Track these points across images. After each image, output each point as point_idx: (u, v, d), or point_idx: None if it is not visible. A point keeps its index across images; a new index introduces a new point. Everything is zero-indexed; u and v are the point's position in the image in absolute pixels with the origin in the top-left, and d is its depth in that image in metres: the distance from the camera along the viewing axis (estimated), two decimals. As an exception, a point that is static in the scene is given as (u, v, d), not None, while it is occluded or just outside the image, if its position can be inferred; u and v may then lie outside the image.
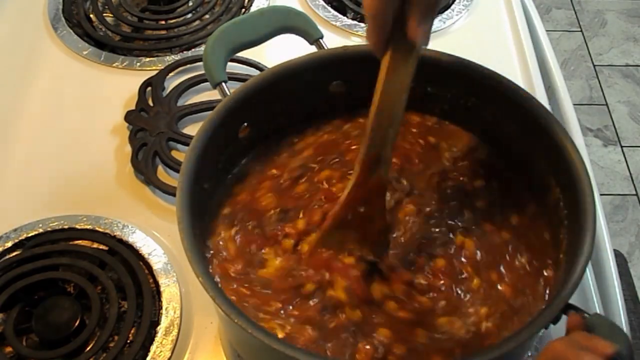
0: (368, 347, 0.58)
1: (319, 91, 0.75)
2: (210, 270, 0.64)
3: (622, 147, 2.11)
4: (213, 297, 0.55)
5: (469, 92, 0.72)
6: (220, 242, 0.67)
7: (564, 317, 0.55)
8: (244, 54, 0.80)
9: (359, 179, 0.62)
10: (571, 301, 0.55)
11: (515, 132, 0.70)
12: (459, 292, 0.63)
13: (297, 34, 0.78)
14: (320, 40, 0.76)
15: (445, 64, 0.71)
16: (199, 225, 0.65)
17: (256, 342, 0.53)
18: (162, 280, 0.74)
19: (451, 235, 0.66)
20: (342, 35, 1.02)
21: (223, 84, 0.73)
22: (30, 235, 0.79)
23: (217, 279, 0.63)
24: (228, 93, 0.71)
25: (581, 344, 0.50)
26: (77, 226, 0.79)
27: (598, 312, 0.74)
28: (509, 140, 0.72)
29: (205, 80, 0.93)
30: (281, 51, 0.85)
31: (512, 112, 0.70)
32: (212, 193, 0.69)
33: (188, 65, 0.97)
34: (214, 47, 0.73)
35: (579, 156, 0.63)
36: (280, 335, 0.59)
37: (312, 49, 0.77)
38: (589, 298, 0.75)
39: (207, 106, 0.91)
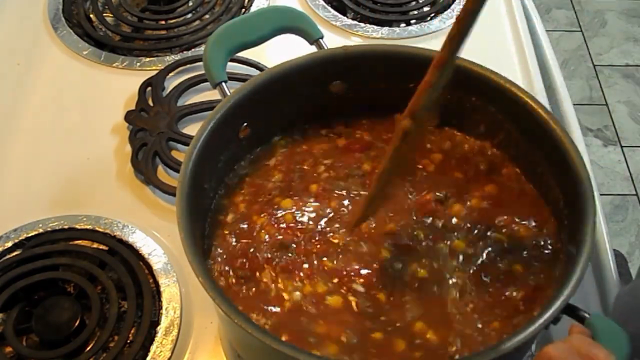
0: None
1: (319, 91, 0.75)
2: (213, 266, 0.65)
3: (622, 147, 2.10)
4: (213, 297, 0.55)
5: (469, 93, 0.72)
6: (221, 241, 0.67)
7: (564, 318, 0.55)
8: (243, 53, 0.80)
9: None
10: (571, 301, 0.55)
11: (517, 134, 0.70)
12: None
13: (297, 34, 0.77)
14: (321, 40, 0.76)
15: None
16: (199, 225, 0.65)
17: (256, 342, 0.53)
18: (162, 280, 0.74)
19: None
20: (342, 35, 1.02)
21: (223, 84, 0.73)
22: (30, 235, 0.79)
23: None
24: (228, 93, 0.71)
25: (580, 350, 0.49)
26: (77, 226, 0.79)
27: (598, 312, 0.74)
28: (510, 142, 0.72)
29: (205, 80, 0.93)
30: (281, 51, 0.85)
31: (513, 113, 0.70)
32: (212, 193, 0.69)
33: (188, 65, 0.97)
34: (214, 47, 0.73)
35: (580, 158, 0.63)
36: None
37: (312, 49, 0.76)
38: (589, 298, 0.75)
39: (207, 106, 0.91)
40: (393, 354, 0.59)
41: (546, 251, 0.65)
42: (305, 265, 0.64)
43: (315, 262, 0.65)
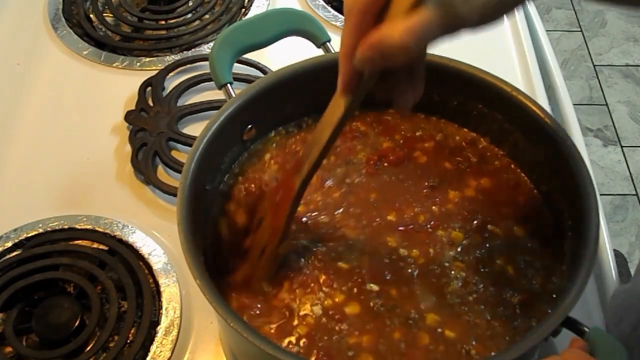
0: None
1: (326, 95, 0.75)
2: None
3: (622, 147, 2.11)
4: (211, 301, 0.55)
5: (474, 98, 0.72)
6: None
7: (564, 330, 0.55)
8: (245, 54, 0.80)
9: (284, 174, 0.64)
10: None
11: (522, 141, 0.70)
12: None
13: (304, 36, 0.77)
14: (328, 43, 0.76)
15: (450, 70, 0.71)
16: (200, 227, 0.65)
17: (252, 347, 0.53)
18: (162, 280, 0.74)
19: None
20: (342, 35, 1.02)
21: (228, 85, 0.72)
22: (30, 235, 0.79)
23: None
24: (233, 94, 0.71)
25: None
26: (77, 226, 0.79)
27: (598, 312, 0.74)
28: (516, 150, 0.72)
29: (206, 80, 0.93)
30: (282, 53, 0.85)
31: (518, 121, 0.69)
32: (214, 194, 0.69)
33: (188, 65, 0.97)
34: (221, 48, 0.73)
35: (587, 170, 0.62)
36: None
37: (315, 51, 0.76)
38: (588, 298, 0.75)
39: (208, 106, 0.91)
40: (420, 349, 0.59)
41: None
42: (322, 274, 0.64)
43: (329, 267, 0.64)
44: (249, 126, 0.72)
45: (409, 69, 0.55)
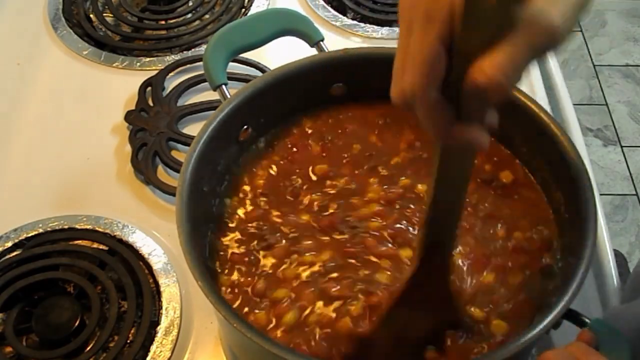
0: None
1: (320, 94, 0.75)
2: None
3: (622, 147, 2.10)
4: (212, 302, 0.55)
5: None
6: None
7: (564, 323, 0.55)
8: (244, 53, 0.80)
9: (416, 268, 0.58)
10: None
11: (519, 138, 0.70)
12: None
13: (297, 36, 0.77)
14: (321, 42, 0.76)
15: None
16: (200, 227, 0.65)
17: (255, 347, 0.53)
18: (162, 280, 0.75)
19: None
20: (342, 35, 1.02)
21: (223, 86, 0.73)
22: (30, 235, 0.79)
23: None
24: (228, 95, 0.71)
25: (578, 358, 0.50)
26: (77, 226, 0.79)
27: (598, 311, 0.74)
28: (512, 146, 0.72)
29: (205, 80, 0.93)
30: (282, 51, 0.85)
31: (514, 116, 0.69)
32: (212, 195, 0.69)
33: (188, 65, 0.97)
34: (214, 49, 0.73)
35: (581, 161, 0.63)
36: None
37: (313, 51, 0.76)
38: (588, 298, 0.75)
39: (207, 106, 0.91)
40: None
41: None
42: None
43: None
44: (245, 127, 0.72)
45: None
